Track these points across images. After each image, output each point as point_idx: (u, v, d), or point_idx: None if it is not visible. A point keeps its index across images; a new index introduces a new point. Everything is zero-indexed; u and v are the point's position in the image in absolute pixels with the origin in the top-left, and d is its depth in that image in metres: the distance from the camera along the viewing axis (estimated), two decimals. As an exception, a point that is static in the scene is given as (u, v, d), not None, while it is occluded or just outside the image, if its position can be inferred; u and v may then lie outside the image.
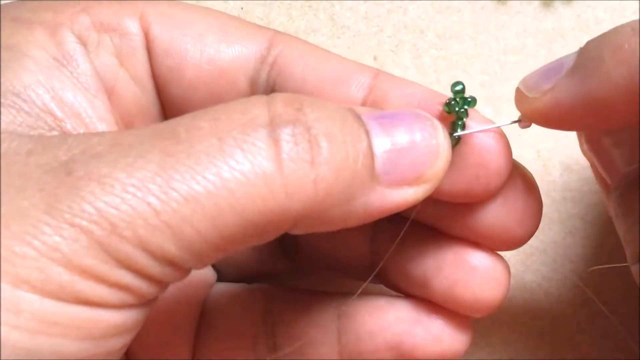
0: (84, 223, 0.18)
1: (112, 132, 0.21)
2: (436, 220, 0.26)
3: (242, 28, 0.26)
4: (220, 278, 0.30)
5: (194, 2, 0.28)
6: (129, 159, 0.19)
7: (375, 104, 0.25)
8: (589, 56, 0.22)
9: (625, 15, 0.34)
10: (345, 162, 0.20)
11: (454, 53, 0.34)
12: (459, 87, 0.24)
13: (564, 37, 0.34)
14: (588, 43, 0.22)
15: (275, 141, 0.20)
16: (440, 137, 0.22)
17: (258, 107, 0.20)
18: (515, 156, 0.25)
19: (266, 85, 0.25)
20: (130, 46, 0.25)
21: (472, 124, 0.24)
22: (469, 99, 0.24)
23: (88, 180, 0.19)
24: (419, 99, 0.24)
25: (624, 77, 0.21)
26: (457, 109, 0.24)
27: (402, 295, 0.27)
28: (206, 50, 0.25)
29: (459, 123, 0.24)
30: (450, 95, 0.24)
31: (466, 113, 0.24)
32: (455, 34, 0.35)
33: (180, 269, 0.20)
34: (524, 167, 0.26)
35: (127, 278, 0.19)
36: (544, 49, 0.34)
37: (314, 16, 0.35)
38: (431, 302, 0.26)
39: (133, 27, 0.25)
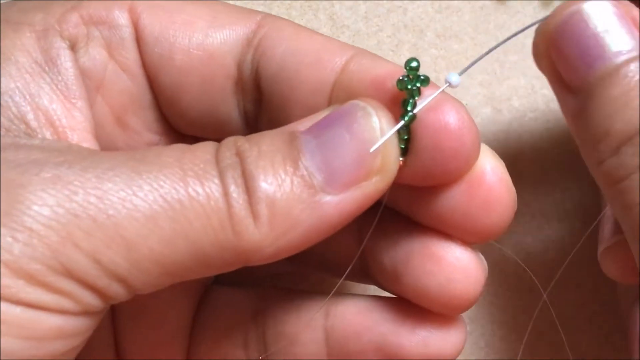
0: (41, 228, 0.19)
1: (88, 148, 0.22)
2: (408, 208, 0.25)
3: (231, 13, 0.26)
4: (214, 280, 0.30)
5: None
6: (98, 171, 0.20)
7: (342, 88, 0.24)
8: None
9: (625, 15, 0.34)
10: (282, 194, 0.21)
11: (453, 53, 0.34)
12: (414, 64, 0.23)
13: (563, 36, 0.34)
14: None
15: (224, 183, 0.21)
16: (375, 123, 0.22)
17: (210, 151, 0.22)
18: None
19: (251, 67, 0.25)
20: (120, 37, 0.25)
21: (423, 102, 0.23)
22: (422, 77, 0.23)
23: (54, 184, 0.19)
24: (387, 78, 0.23)
25: None
26: (409, 86, 0.23)
27: (393, 295, 0.26)
28: (195, 35, 0.25)
29: (410, 101, 0.23)
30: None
31: (419, 91, 0.23)
32: (455, 34, 0.35)
33: (127, 286, 0.20)
34: (493, 153, 0.24)
35: (71, 287, 0.19)
36: (543, 49, 0.34)
37: (313, 16, 0.35)
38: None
39: (122, 18, 0.25)
